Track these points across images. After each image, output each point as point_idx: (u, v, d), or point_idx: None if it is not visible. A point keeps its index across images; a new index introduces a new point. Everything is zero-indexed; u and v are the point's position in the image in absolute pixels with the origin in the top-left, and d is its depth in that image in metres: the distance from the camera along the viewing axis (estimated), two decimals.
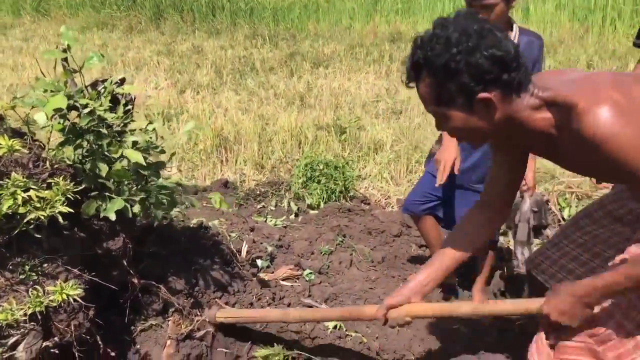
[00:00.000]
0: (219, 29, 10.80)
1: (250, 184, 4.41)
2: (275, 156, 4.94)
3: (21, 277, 1.67)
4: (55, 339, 1.55)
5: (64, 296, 1.57)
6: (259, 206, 3.75)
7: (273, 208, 3.71)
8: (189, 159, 5.06)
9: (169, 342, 1.97)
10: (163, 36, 10.42)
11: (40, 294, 1.59)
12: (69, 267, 1.78)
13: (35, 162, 1.78)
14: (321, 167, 4.06)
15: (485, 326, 2.65)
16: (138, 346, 2.05)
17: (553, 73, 1.53)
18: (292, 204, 3.71)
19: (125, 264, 2.08)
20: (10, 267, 1.66)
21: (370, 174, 4.65)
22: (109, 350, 1.87)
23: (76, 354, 1.70)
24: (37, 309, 1.54)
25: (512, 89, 1.34)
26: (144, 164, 1.83)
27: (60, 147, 1.84)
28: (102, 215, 1.84)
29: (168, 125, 5.81)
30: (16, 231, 1.61)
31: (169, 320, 2.08)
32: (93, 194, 1.89)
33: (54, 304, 1.57)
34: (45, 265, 1.74)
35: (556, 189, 4.26)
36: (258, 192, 4.04)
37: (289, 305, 2.48)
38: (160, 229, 2.50)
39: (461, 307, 1.80)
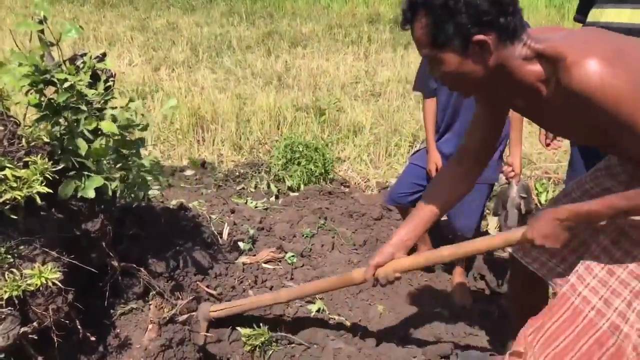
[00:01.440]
0: (195, 5, 10.57)
1: (229, 164, 4.33)
2: (254, 137, 4.87)
3: None
4: (34, 324, 1.49)
5: (43, 280, 1.51)
6: (238, 187, 3.69)
7: (253, 190, 3.66)
8: (165, 138, 4.95)
9: (150, 326, 1.92)
10: (137, 11, 10.14)
11: (17, 278, 1.52)
12: (47, 250, 1.71)
13: (10, 139, 1.70)
14: (301, 149, 4.01)
15: (467, 309, 2.67)
16: (118, 330, 1.99)
17: (549, 29, 1.51)
18: (272, 185, 3.66)
19: (105, 246, 2.01)
20: None
21: (350, 157, 4.62)
22: (89, 334, 1.81)
23: (55, 339, 1.64)
24: (14, 293, 1.47)
25: (507, 34, 1.34)
26: (117, 133, 1.75)
27: (36, 124, 1.75)
28: (79, 194, 1.76)
29: (143, 103, 5.66)
30: None
31: (149, 304, 2.02)
32: (71, 173, 1.82)
33: (32, 288, 1.50)
34: (22, 247, 1.66)
35: (534, 174, 4.30)
36: (237, 174, 3.97)
37: (271, 288, 2.45)
38: (139, 209, 2.43)
39: (442, 251, 1.79)
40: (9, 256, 1.62)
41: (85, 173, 1.80)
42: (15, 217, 1.61)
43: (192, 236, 2.47)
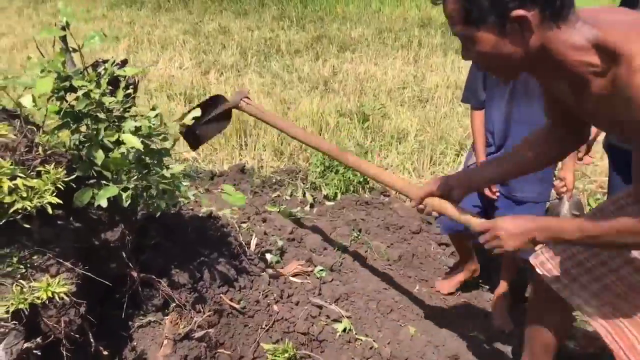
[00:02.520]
0: (247, 10, 10.65)
1: (268, 170, 4.28)
2: (295, 142, 4.80)
3: (8, 269, 1.57)
4: (38, 340, 1.45)
5: (49, 293, 1.46)
6: (274, 195, 3.62)
7: (288, 197, 3.58)
8: (209, 142, 4.96)
9: (165, 341, 1.86)
10: (190, 15, 10.32)
11: (25, 290, 1.48)
12: (61, 260, 1.68)
13: (27, 147, 1.68)
14: None
15: (504, 334, 2.50)
16: (135, 343, 1.95)
17: (603, 10, 1.30)
18: (307, 194, 3.57)
19: (125, 256, 1.97)
20: None
21: (392, 165, 4.48)
22: (101, 348, 1.77)
23: (64, 353, 1.60)
24: (21, 306, 1.44)
25: (553, 10, 1.17)
26: (141, 149, 1.71)
27: (55, 132, 1.72)
28: (96, 203, 1.72)
29: (190, 107, 5.71)
30: (2, 221, 1.50)
31: (167, 319, 1.97)
32: (91, 181, 1.78)
33: (39, 301, 1.46)
34: (35, 257, 1.63)
35: (587, 187, 4.04)
36: (274, 180, 3.91)
37: (297, 303, 2.35)
38: (165, 218, 2.39)
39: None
40: (21, 266, 1.59)
41: (103, 182, 1.77)
42: (28, 226, 1.58)
43: (218, 246, 2.41)
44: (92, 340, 1.74)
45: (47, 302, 1.55)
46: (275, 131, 4.96)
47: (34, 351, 1.46)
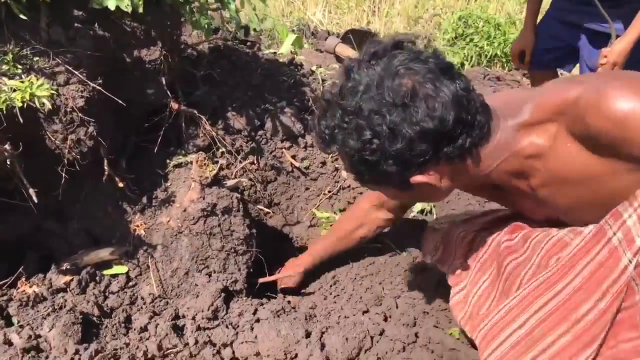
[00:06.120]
0: None
1: None
2: (432, 10, 4.13)
3: (4, 67, 1.33)
4: (7, 146, 1.21)
5: (27, 96, 1.20)
6: None
7: None
8: (337, 4, 4.49)
9: (193, 184, 1.57)
10: None
11: (5, 89, 1.24)
12: (71, 68, 1.41)
13: None
14: (479, 24, 3.22)
15: None
16: (169, 184, 1.70)
17: (504, 94, 1.21)
18: None
19: (164, 82, 1.68)
20: None
21: None
22: (118, 179, 1.53)
23: (63, 175, 1.38)
24: None
25: (462, 154, 1.02)
26: None
27: None
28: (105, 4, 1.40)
29: None
30: None
31: (193, 159, 1.66)
32: None
33: (18, 104, 1.22)
34: (39, 59, 1.38)
35: None
36: None
37: None
38: (233, 54, 2.05)
39: None
40: (19, 66, 1.35)
41: None
42: (24, 18, 1.31)
43: (289, 95, 2.03)
44: (106, 167, 1.51)
45: (52, 114, 1.31)
46: None
47: (9, 159, 1.24)
